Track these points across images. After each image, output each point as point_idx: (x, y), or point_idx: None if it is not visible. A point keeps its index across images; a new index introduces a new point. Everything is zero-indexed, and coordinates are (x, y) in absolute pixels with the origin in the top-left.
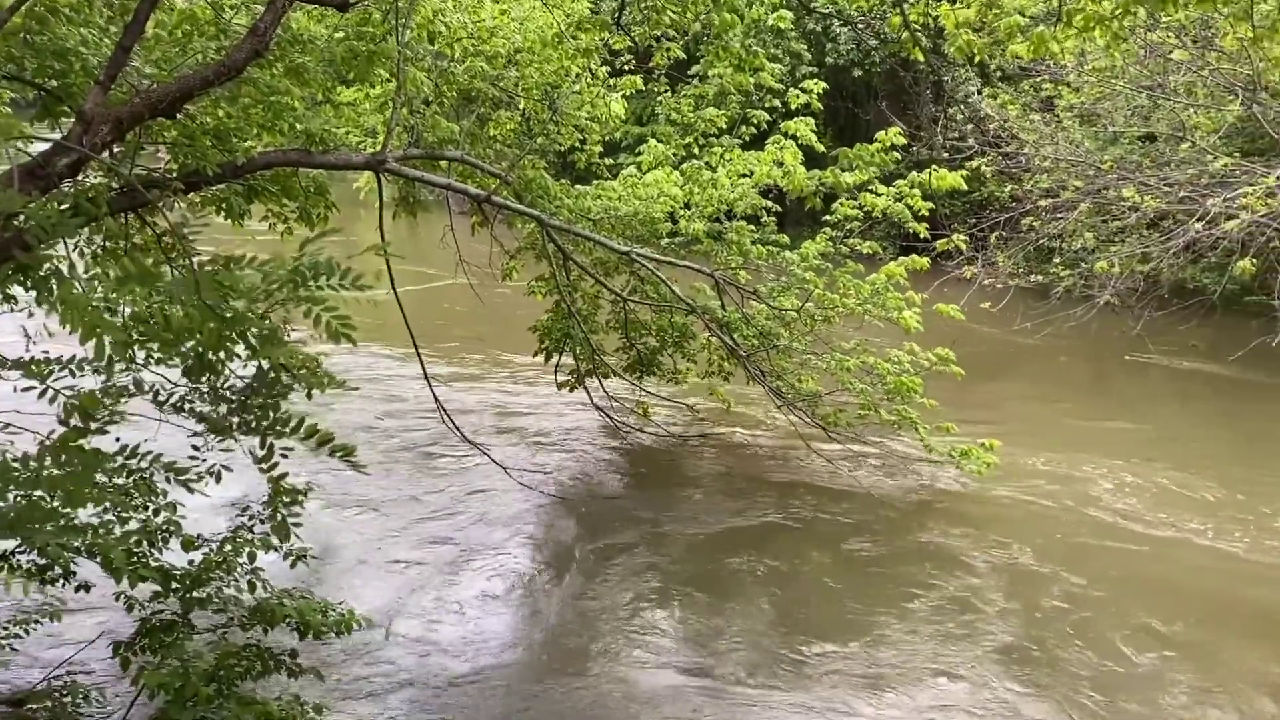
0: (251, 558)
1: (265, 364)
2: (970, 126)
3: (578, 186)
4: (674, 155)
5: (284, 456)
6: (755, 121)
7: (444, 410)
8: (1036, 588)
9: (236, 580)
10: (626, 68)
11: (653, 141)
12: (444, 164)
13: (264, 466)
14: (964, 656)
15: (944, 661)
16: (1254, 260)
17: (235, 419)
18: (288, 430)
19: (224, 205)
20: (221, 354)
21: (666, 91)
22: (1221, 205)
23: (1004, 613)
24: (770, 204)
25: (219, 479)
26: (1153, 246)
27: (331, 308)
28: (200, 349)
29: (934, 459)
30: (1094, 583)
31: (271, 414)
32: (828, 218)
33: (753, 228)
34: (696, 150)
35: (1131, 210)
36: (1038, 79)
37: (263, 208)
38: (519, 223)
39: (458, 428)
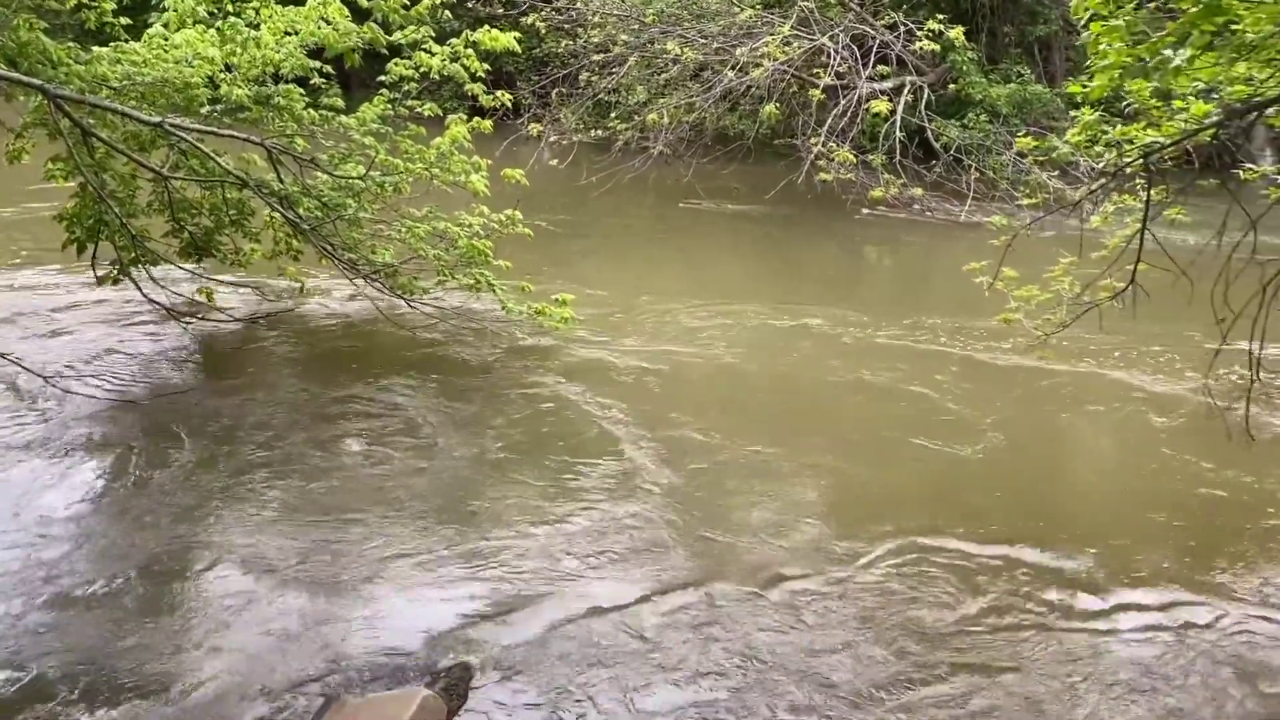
0: None
1: None
2: None
3: (93, 49)
4: (206, 12)
5: None
6: None
7: None
8: (621, 424)
9: None
10: None
11: None
12: None
13: None
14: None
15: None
16: (778, 105)
17: None
18: None
19: None
20: None
21: None
22: (749, 55)
23: (598, 445)
24: (325, 65)
25: None
26: (696, 97)
27: None
28: None
29: (513, 319)
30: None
31: None
32: (383, 79)
33: (303, 91)
34: (231, 7)
35: (674, 63)
36: None
37: None
38: (21, 95)
39: None
